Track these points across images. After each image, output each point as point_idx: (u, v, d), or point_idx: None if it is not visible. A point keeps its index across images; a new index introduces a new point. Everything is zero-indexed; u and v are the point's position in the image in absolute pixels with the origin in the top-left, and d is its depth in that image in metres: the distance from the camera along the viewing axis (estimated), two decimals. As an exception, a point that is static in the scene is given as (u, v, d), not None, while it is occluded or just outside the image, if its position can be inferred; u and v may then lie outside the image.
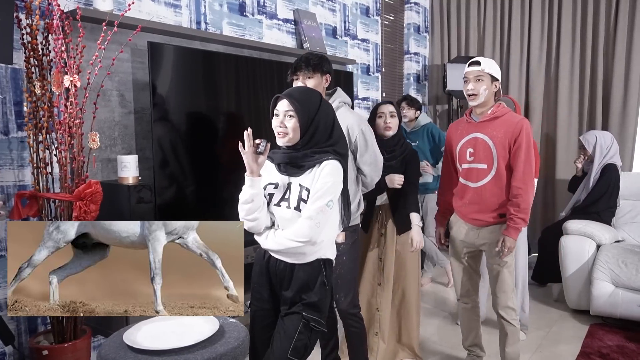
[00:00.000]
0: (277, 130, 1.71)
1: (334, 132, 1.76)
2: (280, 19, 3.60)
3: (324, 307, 1.74)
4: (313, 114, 1.70)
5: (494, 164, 2.35)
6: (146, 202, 2.23)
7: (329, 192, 1.65)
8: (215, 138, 2.80)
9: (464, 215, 2.49)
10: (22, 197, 2.08)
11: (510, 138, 2.31)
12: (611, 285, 3.22)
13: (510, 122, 2.33)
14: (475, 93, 2.33)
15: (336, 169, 1.69)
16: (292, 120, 1.68)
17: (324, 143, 1.72)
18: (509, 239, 2.30)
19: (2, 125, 2.20)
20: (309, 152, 1.70)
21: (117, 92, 2.52)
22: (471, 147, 2.41)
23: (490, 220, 2.39)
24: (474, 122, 2.42)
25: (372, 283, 2.71)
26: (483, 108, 2.39)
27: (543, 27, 4.85)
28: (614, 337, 3.11)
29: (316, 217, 1.63)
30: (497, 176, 2.35)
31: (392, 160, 2.56)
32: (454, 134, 2.52)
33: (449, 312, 3.58)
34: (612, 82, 4.53)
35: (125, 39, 2.29)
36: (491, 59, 2.49)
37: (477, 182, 2.40)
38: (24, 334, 2.27)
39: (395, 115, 2.57)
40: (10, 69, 2.20)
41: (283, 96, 1.71)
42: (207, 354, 1.61)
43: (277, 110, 1.72)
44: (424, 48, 5.47)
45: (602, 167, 3.70)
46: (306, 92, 1.80)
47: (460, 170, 2.49)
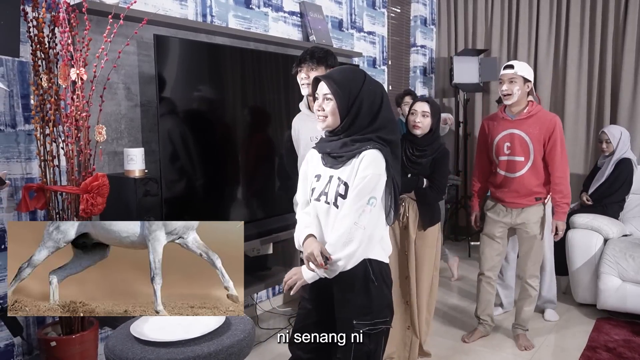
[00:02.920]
0: (317, 114, 1.63)
1: (380, 114, 1.61)
2: (286, 11, 3.59)
3: (376, 307, 1.65)
4: (354, 96, 1.58)
5: (530, 156, 2.72)
6: (152, 195, 2.23)
7: (368, 188, 1.55)
8: (221, 131, 2.80)
9: (502, 200, 2.85)
10: (29, 189, 2.09)
11: (545, 134, 2.69)
12: (618, 279, 3.21)
13: (544, 120, 2.71)
14: (509, 93, 2.68)
15: (376, 160, 1.57)
16: (331, 103, 1.59)
17: (366, 128, 1.60)
18: (560, 223, 2.77)
19: (10, 118, 2.21)
20: (348, 141, 1.59)
21: (123, 85, 2.52)
22: (508, 141, 2.76)
23: (527, 203, 2.79)
24: (510, 119, 2.76)
25: (399, 276, 2.66)
26: (518, 107, 2.74)
27: (551, 20, 4.80)
28: (620, 332, 3.09)
29: (360, 220, 1.55)
30: (533, 167, 2.73)
31: (422, 158, 2.53)
32: (490, 128, 2.87)
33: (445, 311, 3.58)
34: (621, 75, 4.48)
35: (131, 32, 2.28)
36: (524, 63, 2.78)
37: (516, 172, 2.77)
38: (32, 326, 2.30)
39: (427, 116, 2.49)
40: (17, 62, 2.20)
41: (322, 77, 1.62)
42: (213, 346, 1.61)
43: (317, 93, 1.64)
44: (430, 40, 5.43)
45: (617, 161, 3.67)
46: (348, 71, 1.66)
47: (498, 162, 2.84)
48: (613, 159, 3.68)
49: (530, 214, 2.79)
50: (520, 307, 2.94)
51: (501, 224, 2.87)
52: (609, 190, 3.67)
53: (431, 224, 2.59)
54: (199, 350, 1.58)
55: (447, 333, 3.10)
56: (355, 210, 1.55)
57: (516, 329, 2.98)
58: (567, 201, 2.72)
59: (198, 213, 2.57)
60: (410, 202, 2.60)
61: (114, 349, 1.61)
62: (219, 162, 2.72)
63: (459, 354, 2.86)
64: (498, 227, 2.88)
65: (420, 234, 2.60)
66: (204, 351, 1.58)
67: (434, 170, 2.55)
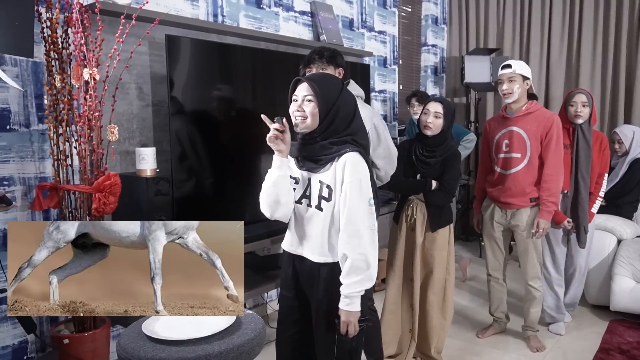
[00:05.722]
0: (294, 115, 1.64)
1: (354, 121, 1.67)
2: (297, 11, 3.59)
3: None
4: (333, 100, 1.62)
5: (527, 153, 2.72)
6: (164, 195, 2.24)
7: (363, 191, 1.60)
8: (232, 130, 2.81)
9: (497, 199, 2.84)
10: (43, 188, 2.11)
11: (543, 131, 2.69)
12: (632, 280, 3.17)
13: (542, 117, 2.72)
14: (510, 92, 2.71)
15: (358, 162, 1.62)
16: (311, 104, 1.61)
17: (343, 132, 1.64)
18: (542, 221, 2.69)
19: (24, 118, 2.24)
20: (326, 144, 1.63)
21: (135, 85, 2.54)
22: (507, 139, 2.77)
23: (520, 203, 2.76)
24: (510, 117, 2.78)
25: (403, 278, 2.66)
26: (517, 104, 2.76)
27: (564, 19, 4.75)
28: (634, 334, 3.06)
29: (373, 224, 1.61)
30: (529, 164, 2.72)
31: (431, 158, 2.52)
32: (491, 128, 2.90)
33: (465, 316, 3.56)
34: (636, 74, 4.42)
35: (143, 32, 2.30)
36: (521, 61, 2.82)
37: (511, 169, 2.76)
38: (46, 323, 2.32)
39: (440, 117, 2.47)
40: (31, 63, 2.23)
41: (303, 79, 1.64)
42: (224, 344, 1.62)
43: (295, 95, 1.65)
44: (441, 40, 5.40)
45: (631, 161, 3.62)
46: (328, 77, 1.74)
47: (496, 159, 2.83)
48: (627, 159, 3.64)
49: (525, 216, 2.77)
50: (527, 309, 2.93)
51: (498, 224, 2.88)
52: (623, 191, 3.63)
53: (441, 225, 2.56)
54: (209, 349, 1.58)
55: (457, 334, 3.08)
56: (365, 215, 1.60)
57: (526, 330, 2.96)
58: (554, 200, 2.70)
59: (209, 212, 2.58)
60: (418, 203, 2.58)
61: (125, 347, 1.63)
62: (229, 162, 2.73)
63: (470, 354, 2.85)
64: (495, 227, 2.89)
65: (429, 236, 2.57)
66: (214, 350, 1.58)
67: (443, 172, 2.52)
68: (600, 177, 2.99)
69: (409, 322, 2.67)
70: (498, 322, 3.07)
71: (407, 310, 2.68)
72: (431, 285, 2.60)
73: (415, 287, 2.60)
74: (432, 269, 2.58)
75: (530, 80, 2.76)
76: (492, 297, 3.04)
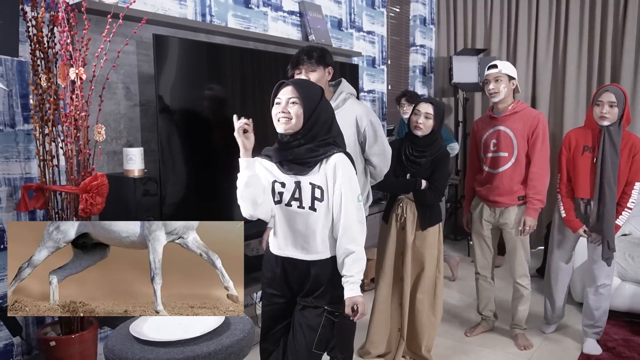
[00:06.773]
0: (278, 116, 1.68)
1: (333, 126, 1.77)
2: (286, 11, 3.59)
3: (341, 298, 1.74)
4: (315, 104, 1.69)
5: (514, 152, 2.76)
6: (152, 195, 2.23)
7: (353, 188, 1.70)
8: (220, 130, 2.80)
9: (485, 198, 2.88)
10: (28, 189, 2.08)
11: (529, 130, 2.74)
12: (617, 279, 3.21)
13: (528, 116, 2.76)
14: (496, 91, 2.75)
15: (346, 162, 1.71)
16: (296, 106, 1.66)
17: (324, 135, 1.72)
18: (529, 219, 2.73)
19: (9, 117, 2.21)
20: (312, 147, 1.68)
21: (123, 85, 2.52)
22: (494, 138, 2.82)
23: (508, 202, 2.80)
24: (497, 117, 2.83)
25: (393, 277, 2.66)
26: (504, 104, 2.80)
27: (550, 19, 4.80)
28: (619, 331, 3.10)
29: (362, 218, 1.72)
30: (516, 163, 2.76)
31: (421, 158, 2.53)
32: (479, 128, 2.95)
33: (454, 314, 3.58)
34: (621, 75, 4.48)
35: (130, 32, 2.28)
36: (507, 62, 2.87)
37: (499, 168, 2.81)
38: (32, 325, 2.29)
39: (430, 117, 2.49)
40: (16, 62, 2.20)
41: (288, 82, 1.70)
42: (212, 345, 1.61)
43: (279, 98, 1.70)
44: (430, 40, 5.43)
45: None
46: (309, 82, 1.86)
47: (484, 159, 2.88)
48: None
49: (513, 214, 2.81)
50: (515, 307, 2.95)
51: (486, 222, 2.92)
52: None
53: (431, 224, 2.59)
54: (198, 350, 1.58)
55: (446, 333, 3.10)
56: (355, 211, 1.71)
57: (514, 329, 2.98)
58: (540, 198, 2.73)
59: (197, 212, 2.57)
60: (408, 202, 2.60)
61: (113, 349, 1.61)
62: (218, 162, 2.72)
63: (459, 353, 2.86)
64: (484, 225, 2.93)
65: (420, 235, 2.59)
66: (203, 351, 1.58)
67: (433, 171, 2.54)
68: (629, 186, 2.68)
69: (398, 321, 2.69)
70: (486, 320, 3.10)
71: (396, 310, 2.69)
72: (422, 284, 2.62)
73: (405, 286, 2.61)
74: (423, 267, 2.61)
75: (516, 80, 2.80)
76: (480, 296, 3.07)
